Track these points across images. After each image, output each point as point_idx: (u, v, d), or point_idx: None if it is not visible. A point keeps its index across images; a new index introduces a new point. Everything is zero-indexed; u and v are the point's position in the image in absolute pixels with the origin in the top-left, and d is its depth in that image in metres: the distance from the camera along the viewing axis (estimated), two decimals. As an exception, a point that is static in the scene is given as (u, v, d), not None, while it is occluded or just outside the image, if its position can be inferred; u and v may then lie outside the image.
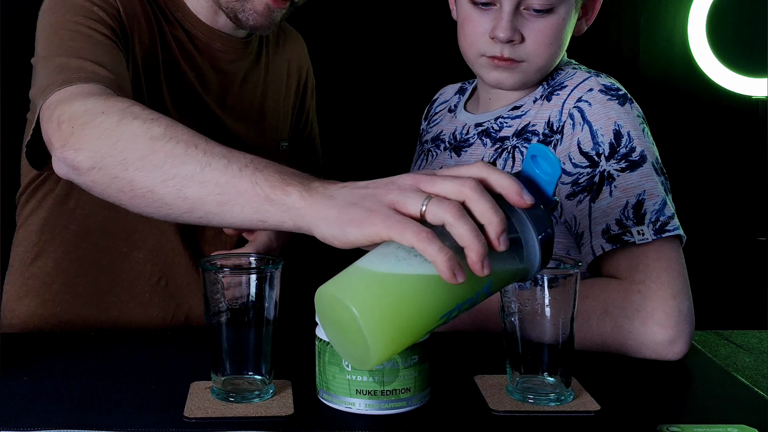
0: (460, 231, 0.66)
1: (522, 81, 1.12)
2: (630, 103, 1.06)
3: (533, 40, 1.08)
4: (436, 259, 0.64)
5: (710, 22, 2.17)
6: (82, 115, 0.87)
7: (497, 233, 0.66)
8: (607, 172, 1.02)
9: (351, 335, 0.66)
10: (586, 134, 1.04)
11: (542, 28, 1.08)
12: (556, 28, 1.08)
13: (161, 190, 0.80)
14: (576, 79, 1.09)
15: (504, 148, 1.12)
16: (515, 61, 1.09)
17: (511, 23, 1.07)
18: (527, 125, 1.11)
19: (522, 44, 1.08)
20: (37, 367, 0.90)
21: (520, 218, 0.69)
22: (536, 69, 1.11)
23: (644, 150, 1.02)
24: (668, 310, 0.93)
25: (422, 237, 0.65)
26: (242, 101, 1.23)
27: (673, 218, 0.99)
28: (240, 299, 0.80)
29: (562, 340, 0.80)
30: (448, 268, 0.64)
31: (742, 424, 0.75)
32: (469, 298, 0.68)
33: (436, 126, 1.27)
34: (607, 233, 0.99)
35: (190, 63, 1.18)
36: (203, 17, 1.18)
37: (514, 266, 0.70)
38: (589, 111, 1.05)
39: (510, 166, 1.10)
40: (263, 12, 1.12)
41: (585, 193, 1.02)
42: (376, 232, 0.67)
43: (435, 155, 1.23)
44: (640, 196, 0.99)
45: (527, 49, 1.09)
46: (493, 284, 0.69)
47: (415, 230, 0.65)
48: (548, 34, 1.08)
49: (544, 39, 1.08)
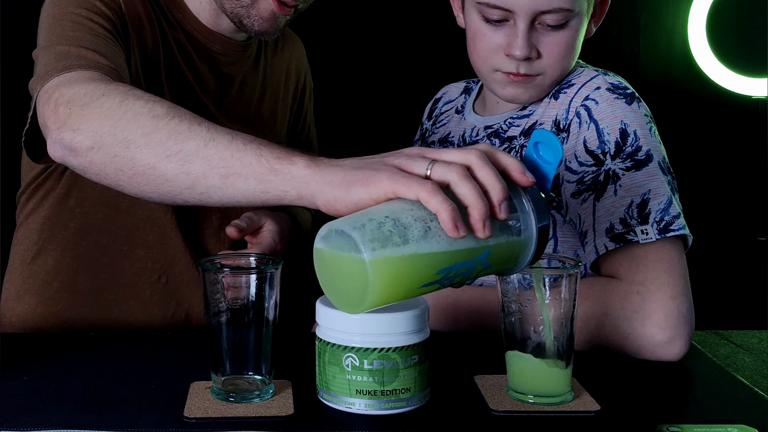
0: (463, 190, 0.67)
1: (537, 95, 1.11)
2: (638, 101, 1.06)
3: (549, 54, 1.07)
4: (440, 209, 0.66)
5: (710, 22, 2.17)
6: (82, 97, 0.87)
7: (499, 199, 0.68)
8: (613, 171, 1.01)
9: (349, 277, 0.67)
10: (592, 132, 1.04)
11: (557, 41, 1.07)
12: (570, 40, 1.08)
13: (163, 166, 0.80)
14: (583, 78, 1.09)
15: (512, 147, 1.12)
16: (531, 76, 1.08)
17: (527, 41, 1.05)
18: (534, 124, 1.11)
19: (538, 60, 1.08)
20: (37, 367, 0.90)
21: (521, 199, 0.71)
22: (551, 82, 1.10)
23: (650, 149, 1.02)
24: (667, 312, 0.93)
25: (428, 188, 0.67)
26: (240, 104, 1.23)
27: (679, 218, 0.99)
28: (240, 299, 0.80)
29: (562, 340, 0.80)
30: (450, 219, 0.66)
31: (742, 424, 0.75)
32: (467, 260, 0.69)
33: (442, 127, 1.27)
34: (611, 232, 0.99)
35: (190, 65, 1.18)
36: (204, 20, 1.18)
37: (511, 243, 0.71)
38: (595, 109, 1.05)
39: None
40: (269, 18, 1.12)
41: (590, 191, 1.02)
42: (382, 189, 0.69)
43: None
44: (645, 196, 0.99)
45: (543, 64, 1.08)
46: (491, 256, 0.70)
47: (420, 182, 0.67)
48: (563, 47, 1.08)
49: (560, 53, 1.08)
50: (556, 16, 1.04)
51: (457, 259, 0.69)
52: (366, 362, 0.77)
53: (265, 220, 1.17)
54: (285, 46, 1.33)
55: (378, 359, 0.76)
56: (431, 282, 0.69)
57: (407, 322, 0.77)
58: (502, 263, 0.74)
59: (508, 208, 0.69)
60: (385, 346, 0.76)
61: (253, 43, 1.25)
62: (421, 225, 0.67)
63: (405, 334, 0.77)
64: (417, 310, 0.78)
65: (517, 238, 0.72)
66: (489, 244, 0.69)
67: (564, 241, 1.06)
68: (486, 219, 0.67)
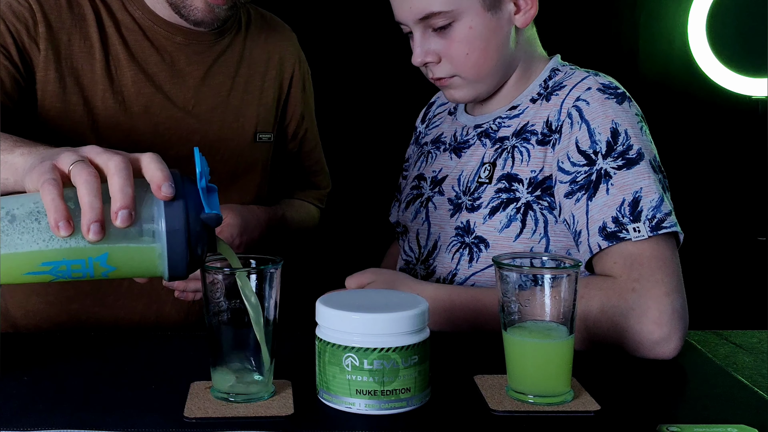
0: (80, 193, 0.70)
1: (473, 93, 1.15)
2: (628, 101, 1.07)
3: (446, 55, 1.11)
4: (49, 207, 0.69)
5: (710, 22, 2.17)
6: None
7: (116, 208, 0.70)
8: (604, 170, 1.02)
9: None
10: (584, 133, 1.04)
11: (448, 42, 1.10)
12: (465, 38, 1.10)
13: None
14: (574, 79, 1.10)
15: (504, 148, 1.13)
16: (445, 78, 1.13)
17: (422, 48, 1.11)
18: (526, 125, 1.11)
19: (441, 63, 1.12)
20: (37, 367, 0.91)
21: (155, 208, 0.72)
22: (475, 79, 1.13)
23: (641, 148, 1.03)
24: (662, 309, 0.94)
25: (47, 186, 0.70)
26: (209, 93, 1.23)
27: (670, 215, 1.00)
28: (240, 299, 0.80)
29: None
30: (53, 218, 0.69)
31: (741, 424, 0.75)
32: (79, 259, 0.71)
33: (435, 128, 1.29)
34: (604, 231, 0.99)
35: (146, 59, 1.18)
36: (161, 13, 1.19)
37: (135, 249, 0.72)
38: (587, 110, 1.05)
39: (510, 166, 1.10)
40: (203, 9, 1.14)
41: (582, 191, 1.03)
42: (33, 179, 0.73)
43: (435, 156, 1.24)
44: (637, 194, 1.00)
45: (448, 66, 1.12)
46: (112, 258, 0.72)
47: (44, 178, 0.70)
48: (459, 46, 1.10)
49: (458, 51, 1.11)
50: (436, 20, 1.09)
51: (66, 256, 0.71)
52: (366, 362, 0.77)
53: (226, 213, 1.16)
54: (269, 37, 1.33)
55: (378, 359, 0.76)
56: (37, 272, 0.72)
57: (407, 322, 0.78)
58: (135, 267, 0.74)
59: (130, 218, 0.70)
60: (385, 346, 0.77)
61: (228, 33, 1.26)
62: (32, 219, 0.71)
63: (405, 334, 0.78)
64: (417, 310, 0.79)
65: (142, 246, 0.72)
66: (105, 246, 0.71)
67: (556, 241, 1.07)
68: (93, 224, 0.69)
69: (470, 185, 1.14)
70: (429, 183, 1.22)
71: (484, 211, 1.11)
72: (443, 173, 1.20)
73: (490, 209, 1.10)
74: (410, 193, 1.27)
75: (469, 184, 1.15)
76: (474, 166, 1.16)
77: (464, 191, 1.15)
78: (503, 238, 1.08)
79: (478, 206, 1.12)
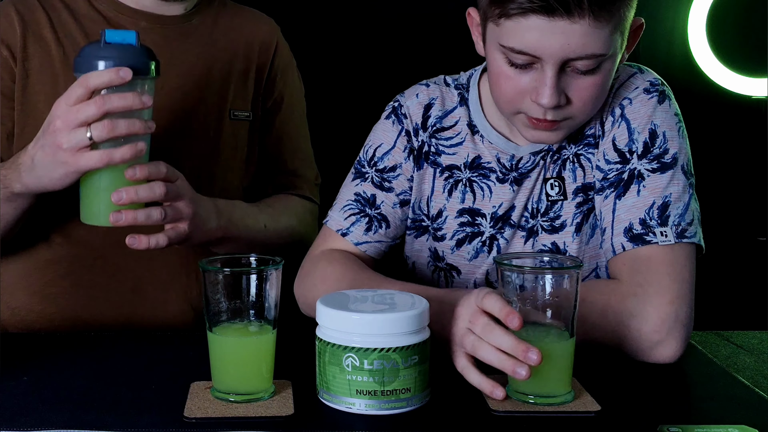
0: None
1: (564, 136, 1.04)
2: (668, 100, 1.06)
3: (579, 98, 0.97)
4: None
5: (710, 22, 2.17)
6: None
7: None
8: (638, 171, 1.01)
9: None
10: (623, 131, 1.03)
11: (587, 86, 0.97)
12: (603, 82, 0.98)
13: None
14: (622, 77, 1.07)
15: (564, 158, 1.07)
16: (558, 121, 0.99)
17: (555, 88, 0.95)
18: (584, 128, 1.07)
19: (567, 106, 0.98)
20: (37, 367, 0.90)
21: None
22: (580, 123, 1.04)
23: (677, 152, 1.02)
24: (663, 316, 0.93)
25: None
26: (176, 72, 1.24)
27: (692, 225, 0.99)
28: (240, 299, 0.80)
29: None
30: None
31: (742, 425, 0.75)
32: None
33: (456, 147, 1.12)
34: (630, 232, 0.98)
35: None
36: (128, 2, 1.23)
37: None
38: (629, 108, 1.04)
39: (582, 177, 1.06)
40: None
41: (612, 188, 1.02)
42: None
43: (486, 188, 1.10)
44: (667, 198, 0.99)
45: (572, 109, 0.98)
46: None
47: None
48: (594, 90, 0.98)
49: (590, 96, 0.98)
50: (588, 62, 0.94)
51: None
52: (366, 362, 0.76)
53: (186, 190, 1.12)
54: (245, 21, 1.33)
55: (378, 359, 0.76)
56: None
57: (407, 322, 0.77)
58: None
59: None
60: (385, 346, 0.76)
61: (196, 19, 1.28)
62: None
63: (405, 334, 0.77)
64: (417, 310, 0.79)
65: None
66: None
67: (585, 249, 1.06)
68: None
69: (538, 205, 1.08)
70: (489, 220, 1.10)
71: (570, 229, 1.06)
72: (504, 207, 1.09)
73: (576, 227, 1.06)
74: (459, 230, 1.11)
75: (535, 205, 1.08)
76: (537, 185, 1.08)
77: (532, 214, 1.08)
78: (589, 248, 1.07)
79: (561, 226, 1.06)
